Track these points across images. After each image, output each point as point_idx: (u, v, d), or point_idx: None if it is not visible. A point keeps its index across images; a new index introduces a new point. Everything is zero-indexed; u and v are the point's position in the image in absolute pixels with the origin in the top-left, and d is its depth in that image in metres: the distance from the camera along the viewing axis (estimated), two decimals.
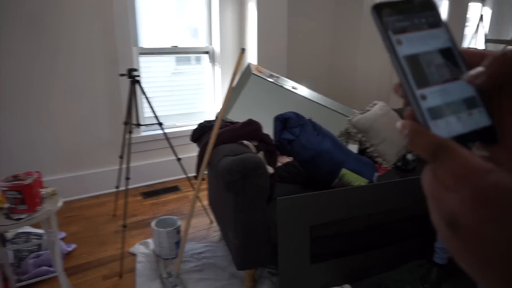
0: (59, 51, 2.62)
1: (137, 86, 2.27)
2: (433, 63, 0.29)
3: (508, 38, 3.23)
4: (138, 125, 2.34)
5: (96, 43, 2.75)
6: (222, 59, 3.37)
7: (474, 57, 0.30)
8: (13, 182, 1.51)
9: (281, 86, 2.70)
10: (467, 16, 4.37)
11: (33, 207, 1.53)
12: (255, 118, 2.11)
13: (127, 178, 2.07)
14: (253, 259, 1.81)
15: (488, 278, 0.22)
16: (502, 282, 0.21)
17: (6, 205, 1.52)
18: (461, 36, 4.61)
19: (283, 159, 2.05)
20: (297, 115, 2.12)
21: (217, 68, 3.40)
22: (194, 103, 3.45)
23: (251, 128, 2.00)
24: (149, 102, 2.31)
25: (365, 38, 3.93)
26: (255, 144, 1.98)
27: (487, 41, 3.30)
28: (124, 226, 2.01)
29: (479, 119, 0.28)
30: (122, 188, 2.44)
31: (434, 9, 0.30)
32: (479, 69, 0.27)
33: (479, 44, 3.43)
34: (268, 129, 2.15)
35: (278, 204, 1.69)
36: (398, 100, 3.72)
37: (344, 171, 2.00)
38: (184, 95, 3.39)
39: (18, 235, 2.12)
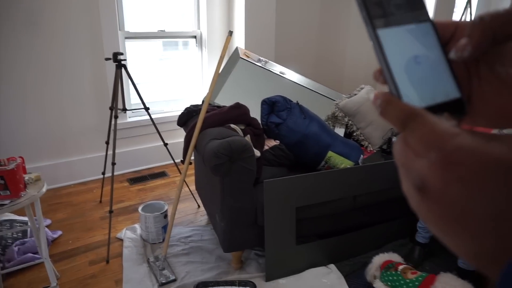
0: (42, 36, 2.55)
1: (123, 71, 2.23)
2: (408, 37, 0.29)
3: None
4: (124, 110, 2.31)
5: (80, 27, 2.68)
6: (210, 44, 3.33)
7: (448, 28, 0.30)
8: None
9: (269, 70, 2.68)
10: (455, 0, 4.39)
11: (16, 192, 1.51)
12: (242, 102, 2.10)
13: (113, 164, 2.05)
14: (239, 241, 1.83)
15: (457, 238, 0.22)
16: (471, 238, 0.21)
17: None
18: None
19: (270, 143, 2.05)
20: (284, 98, 2.12)
21: (205, 53, 3.36)
22: (181, 88, 3.42)
23: (238, 112, 2.00)
24: (135, 87, 2.28)
25: (354, 23, 3.92)
26: (242, 127, 1.98)
27: None
28: (111, 211, 2.00)
29: (449, 91, 0.29)
30: (108, 174, 2.42)
31: None
32: (463, 41, 0.27)
33: None
34: (256, 113, 2.15)
35: (265, 187, 1.71)
36: (384, 86, 3.75)
37: (330, 154, 2.02)
38: (171, 80, 3.36)
39: (1, 222, 2.09)
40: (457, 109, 0.29)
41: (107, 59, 2.24)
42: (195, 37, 3.34)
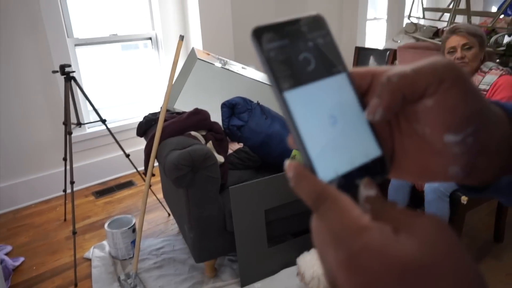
0: None
1: (73, 83, 2.12)
2: (320, 94, 0.26)
3: (445, 6, 3.35)
4: (79, 124, 2.20)
5: (24, 37, 2.51)
6: (166, 45, 3.22)
7: (364, 78, 0.28)
8: None
9: (229, 70, 2.63)
10: None
11: None
12: (203, 105, 2.05)
13: (72, 182, 1.95)
14: (210, 250, 1.80)
15: None
16: None
17: None
18: (401, 4, 4.73)
19: (234, 146, 2.02)
20: (244, 100, 2.08)
21: (162, 54, 3.26)
22: (140, 91, 3.31)
23: (198, 118, 1.94)
24: (88, 99, 2.17)
25: (313, 9, 3.91)
26: (204, 133, 1.94)
27: (424, 9, 3.40)
28: (74, 232, 1.91)
29: (370, 150, 0.27)
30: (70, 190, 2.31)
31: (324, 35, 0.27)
32: (374, 101, 0.25)
33: (417, 12, 3.54)
34: (218, 115, 2.10)
35: (231, 193, 1.68)
36: None
37: (295, 152, 2.01)
38: (129, 84, 3.24)
39: None
40: (378, 169, 0.27)
41: (54, 71, 2.12)
42: (150, 39, 3.23)
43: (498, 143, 0.26)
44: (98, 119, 2.21)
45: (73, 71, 2.11)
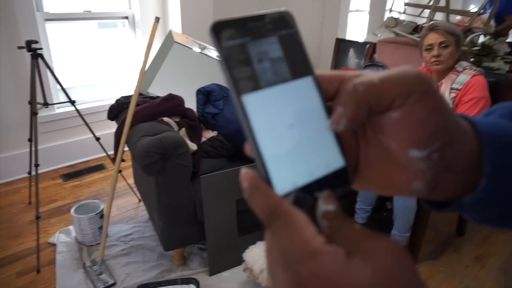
0: None
1: (40, 61, 2.01)
2: (282, 99, 0.24)
3: (426, 2, 3.37)
4: (46, 104, 2.10)
5: None
6: (143, 26, 3.11)
7: (331, 82, 0.26)
8: None
9: (207, 55, 2.57)
10: None
11: None
12: (178, 91, 1.99)
13: (36, 165, 1.87)
14: (179, 238, 1.78)
15: None
16: None
17: None
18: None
19: (208, 134, 1.98)
20: (220, 87, 2.04)
21: (139, 34, 3.14)
22: (115, 74, 3.19)
23: (171, 104, 1.89)
24: (56, 79, 2.07)
25: (293, 3, 3.86)
26: (177, 120, 1.89)
27: (406, 4, 3.42)
28: (38, 217, 1.84)
29: (332, 160, 0.25)
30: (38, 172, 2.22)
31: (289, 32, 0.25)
32: (339, 110, 0.24)
33: (398, 7, 3.56)
34: (194, 102, 2.06)
35: (202, 182, 1.65)
36: (327, 66, 3.79)
37: None
38: (104, 65, 3.11)
39: None
40: (340, 181, 0.25)
41: (20, 47, 2.00)
42: (127, 18, 3.10)
43: (463, 160, 0.25)
44: (68, 99, 2.11)
45: (41, 48, 1.99)
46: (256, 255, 1.62)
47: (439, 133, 0.23)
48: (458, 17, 3.33)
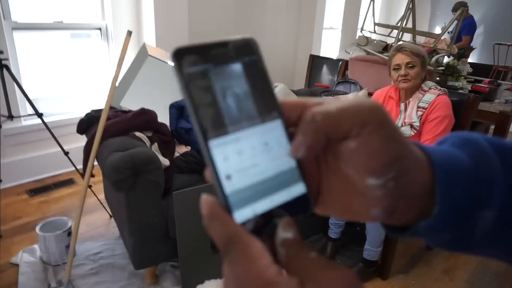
0: None
1: (5, 72, 1.94)
2: (245, 131, 0.24)
3: (395, 23, 3.53)
4: (11, 117, 2.02)
5: None
6: (116, 38, 3.07)
7: (294, 109, 0.26)
8: None
9: None
10: None
11: None
12: (152, 105, 1.97)
13: None
14: (151, 256, 1.73)
15: None
16: None
17: None
18: (356, 16, 4.91)
19: (181, 149, 1.96)
20: None
21: (112, 46, 3.10)
22: (86, 86, 3.12)
23: (144, 118, 1.87)
24: (22, 91, 2.00)
25: (270, 17, 3.93)
26: (149, 135, 1.86)
27: (376, 24, 3.56)
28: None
29: (293, 186, 0.25)
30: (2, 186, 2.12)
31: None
32: (298, 138, 0.24)
33: (369, 26, 3.70)
34: (167, 117, 2.03)
35: (174, 198, 1.62)
36: (301, 82, 3.86)
37: None
38: (75, 76, 3.04)
39: None
40: (301, 207, 0.25)
41: None
42: (100, 29, 3.05)
43: (417, 188, 0.26)
44: (35, 112, 2.04)
45: (6, 59, 1.93)
46: None
47: (394, 163, 0.24)
48: (424, 39, 3.49)
